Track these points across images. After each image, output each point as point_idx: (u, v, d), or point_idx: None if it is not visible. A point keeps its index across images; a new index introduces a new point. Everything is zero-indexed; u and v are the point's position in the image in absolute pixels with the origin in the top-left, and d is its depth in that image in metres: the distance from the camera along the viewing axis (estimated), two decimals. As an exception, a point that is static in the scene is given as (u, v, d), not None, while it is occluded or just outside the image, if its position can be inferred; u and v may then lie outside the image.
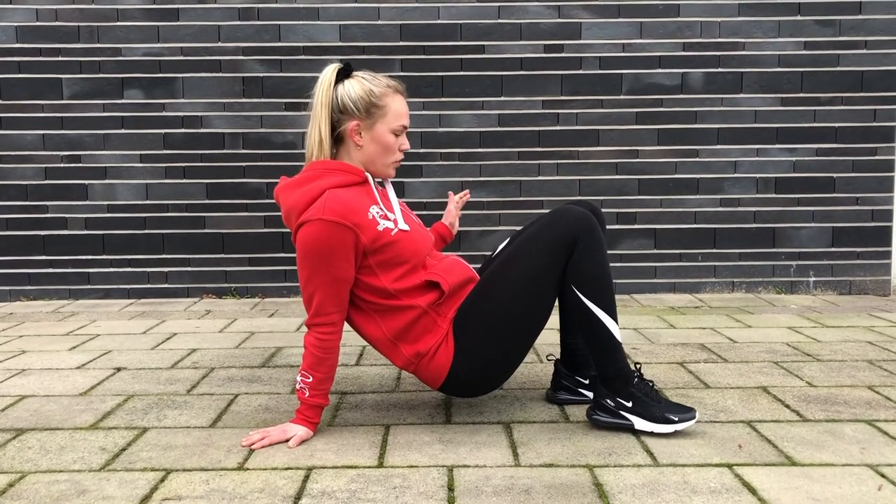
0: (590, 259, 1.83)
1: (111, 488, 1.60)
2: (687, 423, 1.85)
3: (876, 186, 3.94)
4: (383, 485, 1.60)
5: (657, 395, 1.90)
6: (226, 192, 3.92)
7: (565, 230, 1.83)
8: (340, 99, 1.85)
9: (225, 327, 3.24)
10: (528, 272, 1.84)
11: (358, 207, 1.81)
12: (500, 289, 1.85)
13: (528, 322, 1.88)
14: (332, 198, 1.79)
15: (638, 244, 3.96)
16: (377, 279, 1.85)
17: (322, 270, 1.79)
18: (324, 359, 1.85)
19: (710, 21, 3.87)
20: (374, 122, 1.87)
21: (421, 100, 3.87)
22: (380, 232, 1.82)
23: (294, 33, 3.87)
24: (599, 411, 1.90)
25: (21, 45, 3.85)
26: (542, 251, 1.84)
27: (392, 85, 1.89)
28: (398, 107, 1.89)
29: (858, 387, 2.28)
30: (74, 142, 3.89)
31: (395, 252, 1.84)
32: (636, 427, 1.86)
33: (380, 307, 1.88)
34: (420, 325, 1.87)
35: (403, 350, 1.89)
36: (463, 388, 1.94)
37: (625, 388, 1.87)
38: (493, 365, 1.90)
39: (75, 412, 2.11)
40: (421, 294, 1.87)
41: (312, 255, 1.78)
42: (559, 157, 3.92)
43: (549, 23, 3.87)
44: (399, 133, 1.91)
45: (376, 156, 1.90)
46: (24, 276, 3.94)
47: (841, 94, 3.89)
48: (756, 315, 3.40)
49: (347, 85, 1.86)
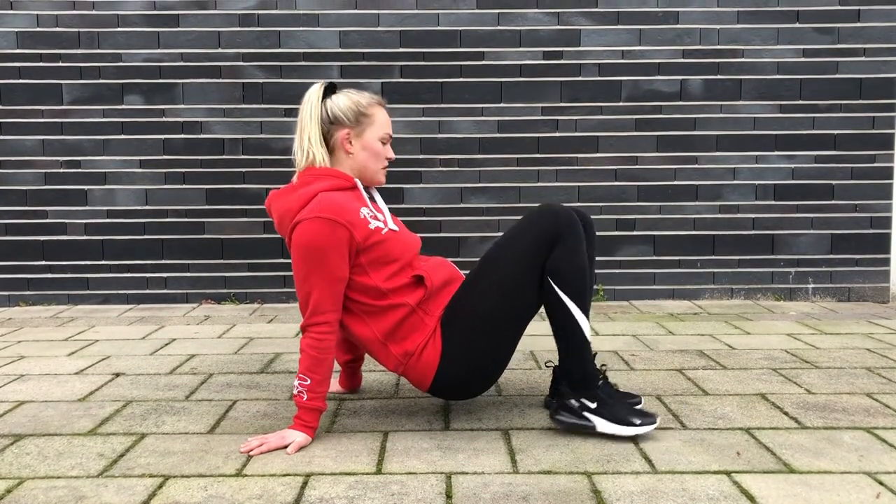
0: (569, 255, 1.86)
1: (109, 495, 1.60)
2: (648, 428, 1.88)
3: (874, 193, 3.94)
4: (381, 491, 1.60)
5: (621, 397, 1.93)
6: (225, 198, 3.93)
7: (548, 226, 1.87)
8: (330, 111, 1.96)
9: (224, 333, 3.24)
10: (512, 267, 1.88)
11: (350, 207, 1.88)
12: (485, 284, 1.90)
13: (513, 316, 1.91)
14: (325, 198, 1.86)
15: (637, 250, 3.96)
16: (369, 278, 1.89)
17: (319, 268, 1.83)
18: (321, 360, 1.86)
19: (709, 28, 3.88)
20: (363, 129, 1.98)
21: (420, 106, 3.88)
22: (371, 230, 1.89)
23: (294, 40, 3.88)
24: (563, 411, 1.93)
25: (21, 50, 3.86)
26: (525, 246, 1.88)
27: (375, 98, 2.02)
28: (383, 117, 2.01)
29: (857, 394, 2.28)
30: (74, 147, 3.90)
31: (385, 250, 1.90)
32: (598, 429, 1.88)
33: (370, 308, 1.91)
34: (408, 324, 1.91)
35: (393, 350, 1.92)
36: (452, 387, 1.96)
37: (590, 389, 1.90)
38: (480, 361, 1.92)
39: (73, 418, 2.11)
40: (409, 292, 1.92)
41: (309, 252, 1.83)
42: (558, 164, 3.93)
43: (548, 30, 3.88)
44: (385, 142, 2.02)
45: (367, 161, 1.99)
46: (23, 281, 3.94)
47: (839, 102, 3.90)
48: (755, 322, 3.40)
49: (336, 98, 1.98)
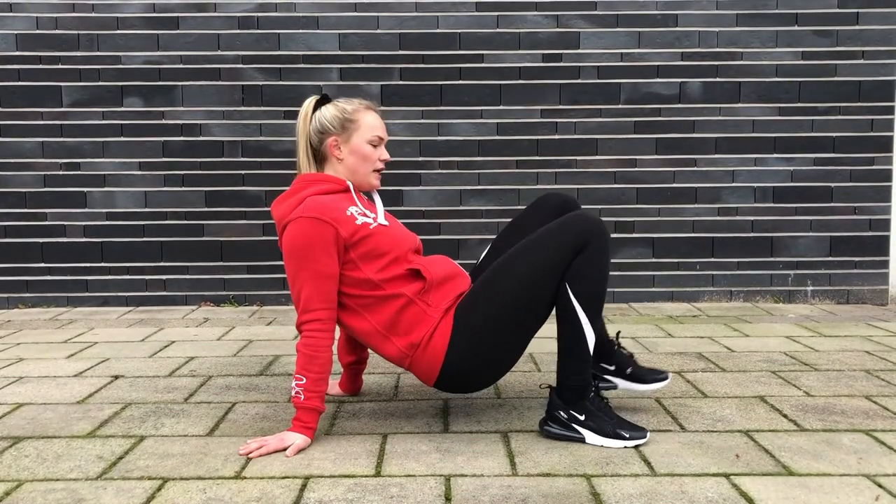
0: (592, 263, 1.86)
1: (108, 497, 1.60)
2: (637, 441, 1.88)
3: (873, 196, 3.94)
4: (380, 494, 1.60)
5: (610, 410, 1.93)
6: (225, 200, 3.93)
7: (578, 231, 1.86)
8: (319, 122, 2.04)
9: (223, 335, 3.24)
10: (536, 267, 1.87)
11: (336, 206, 1.94)
12: (507, 277, 1.89)
13: (530, 314, 1.90)
14: (311, 201, 1.94)
15: (636, 253, 3.96)
16: (360, 272, 1.93)
17: (306, 266, 1.88)
18: (313, 357, 1.87)
19: (708, 31, 3.89)
20: (349, 135, 2.03)
21: (420, 108, 3.88)
22: (358, 226, 1.93)
23: (294, 42, 3.88)
24: (552, 422, 1.93)
25: (21, 52, 3.86)
26: (554, 247, 1.87)
27: (363, 103, 2.08)
28: (370, 120, 2.05)
29: (856, 396, 2.28)
30: (74, 149, 3.90)
31: (374, 244, 1.93)
32: (587, 441, 1.89)
33: (366, 300, 1.93)
34: (408, 316, 1.92)
35: (397, 342, 1.93)
36: (459, 379, 1.96)
37: (579, 401, 1.90)
38: (490, 353, 1.92)
39: (72, 420, 2.11)
40: (405, 283, 1.94)
41: (295, 251, 1.89)
42: (557, 166, 3.93)
43: (547, 32, 3.89)
44: (377, 144, 2.06)
45: (357, 165, 2.04)
46: (22, 283, 3.94)
47: (838, 104, 3.91)
48: (754, 324, 3.40)
49: (323, 109, 2.06)
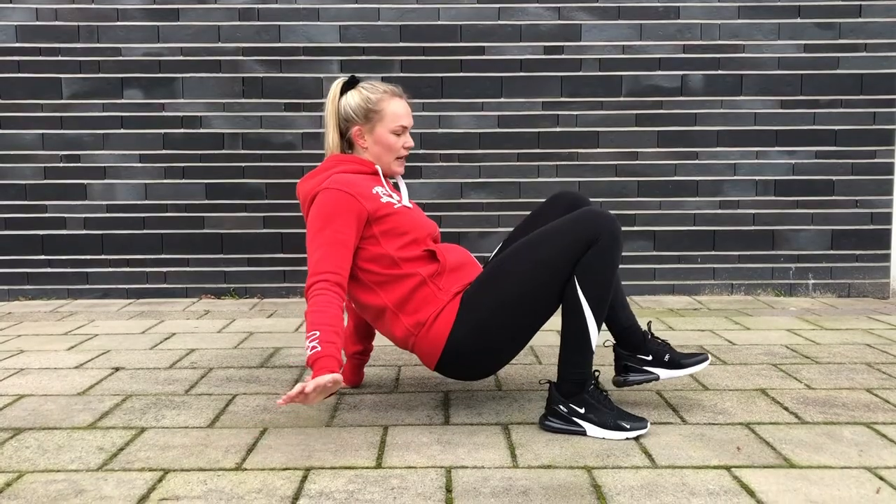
0: (603, 258, 1.85)
1: (109, 488, 1.60)
2: (639, 432, 1.87)
3: (875, 189, 3.94)
4: (381, 485, 1.60)
5: (610, 402, 1.92)
6: (225, 193, 3.92)
7: (591, 226, 1.86)
8: (343, 109, 2.05)
9: (224, 327, 3.24)
10: (547, 256, 1.87)
11: (363, 184, 1.98)
12: (518, 266, 1.90)
13: (536, 304, 1.90)
14: (339, 176, 1.97)
15: (637, 246, 3.96)
16: (381, 247, 1.95)
17: (323, 230, 1.90)
18: (323, 311, 1.79)
19: (710, 23, 3.87)
20: (373, 125, 2.05)
21: (420, 101, 3.87)
22: (383, 203, 1.97)
23: (294, 34, 3.87)
24: (552, 417, 1.93)
25: (21, 44, 3.85)
26: (566, 240, 1.86)
27: (389, 90, 2.06)
28: (395, 109, 2.05)
29: (857, 389, 2.28)
30: (74, 141, 3.89)
31: (396, 222, 1.97)
32: (588, 434, 1.88)
33: (382, 277, 1.96)
34: (420, 296, 1.94)
35: (404, 320, 1.95)
36: (461, 362, 1.96)
37: (579, 395, 1.90)
38: (492, 340, 1.93)
39: (73, 412, 2.11)
40: (422, 264, 1.97)
41: (317, 218, 1.91)
42: (559, 159, 3.92)
43: (548, 24, 3.87)
44: (400, 133, 2.07)
45: (381, 154, 2.07)
46: (22, 275, 3.94)
47: (840, 97, 3.90)
48: (755, 317, 3.40)
49: (349, 96, 2.05)
